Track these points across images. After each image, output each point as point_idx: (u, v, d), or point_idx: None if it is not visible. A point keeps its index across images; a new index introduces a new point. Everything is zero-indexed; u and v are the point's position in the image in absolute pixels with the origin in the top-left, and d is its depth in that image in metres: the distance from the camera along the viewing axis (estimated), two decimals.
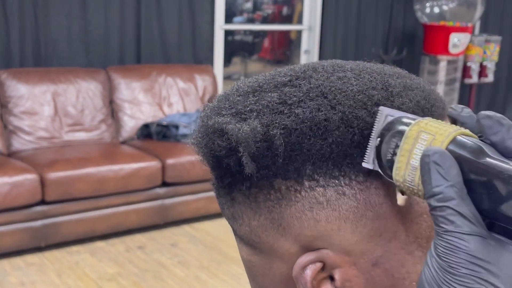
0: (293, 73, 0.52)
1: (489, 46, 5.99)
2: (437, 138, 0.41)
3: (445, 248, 0.39)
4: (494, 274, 0.38)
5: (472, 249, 0.39)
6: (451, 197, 0.39)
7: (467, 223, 0.39)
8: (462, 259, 0.39)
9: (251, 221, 0.51)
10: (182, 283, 3.21)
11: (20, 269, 3.29)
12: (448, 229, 0.39)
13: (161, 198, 3.83)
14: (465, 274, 0.39)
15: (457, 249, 0.39)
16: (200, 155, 0.53)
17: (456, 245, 0.39)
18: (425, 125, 0.43)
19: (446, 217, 0.39)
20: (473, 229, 0.39)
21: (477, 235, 0.39)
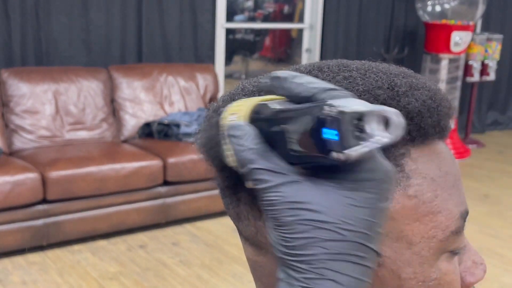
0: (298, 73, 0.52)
1: (490, 44, 5.99)
2: (240, 114, 0.43)
3: (267, 205, 0.40)
4: (316, 211, 0.39)
5: (287, 196, 0.40)
6: (251, 159, 0.41)
7: (274, 175, 0.40)
8: (282, 209, 0.39)
9: (257, 221, 0.50)
10: (184, 282, 3.21)
11: (22, 268, 3.29)
12: (261, 187, 0.40)
13: (163, 197, 3.83)
14: (291, 221, 0.39)
15: (276, 202, 0.40)
16: (205, 155, 0.53)
17: (273, 199, 0.40)
18: (232, 107, 0.45)
19: (255, 178, 0.41)
20: (283, 178, 0.40)
21: (289, 181, 0.40)
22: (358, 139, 0.37)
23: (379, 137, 0.37)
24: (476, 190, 4.84)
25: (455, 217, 0.49)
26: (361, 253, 0.39)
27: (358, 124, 0.37)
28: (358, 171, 0.40)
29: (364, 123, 0.37)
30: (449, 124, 0.51)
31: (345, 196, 0.39)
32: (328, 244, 0.39)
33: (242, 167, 0.42)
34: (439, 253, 0.49)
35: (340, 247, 0.39)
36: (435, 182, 0.48)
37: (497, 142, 6.53)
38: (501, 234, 4.00)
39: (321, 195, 0.40)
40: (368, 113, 0.37)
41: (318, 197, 0.40)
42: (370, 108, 0.37)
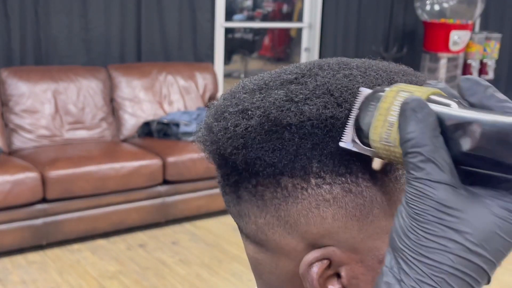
0: (299, 71, 0.52)
1: (489, 43, 5.99)
2: (416, 94, 0.41)
3: (413, 195, 0.39)
4: (462, 221, 0.38)
5: (440, 196, 0.38)
6: (424, 143, 0.39)
7: (437, 171, 0.38)
8: (429, 206, 0.38)
9: (258, 219, 0.51)
10: (184, 281, 3.21)
11: (22, 267, 3.29)
12: (417, 175, 0.39)
13: (162, 196, 3.83)
14: (431, 221, 0.38)
15: (425, 196, 0.38)
16: (206, 153, 0.54)
17: (424, 192, 0.38)
18: (404, 86, 0.43)
19: (416, 164, 0.39)
20: (444, 177, 0.38)
21: (447, 183, 0.38)
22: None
23: None
24: None
25: None
26: (480, 279, 0.39)
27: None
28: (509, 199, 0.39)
29: None
30: None
31: (495, 221, 0.38)
32: (458, 259, 0.38)
33: (404, 143, 0.39)
34: None
35: (466, 266, 0.38)
36: None
37: None
38: None
39: (473, 210, 0.38)
40: None
41: (469, 211, 0.38)
42: None
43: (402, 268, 0.39)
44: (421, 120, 0.39)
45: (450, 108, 0.40)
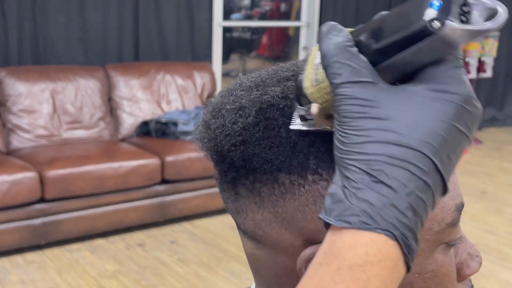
0: (295, 68, 0.52)
1: (487, 41, 6.00)
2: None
3: (339, 100, 0.40)
4: (385, 112, 0.39)
5: (361, 93, 0.39)
6: (339, 52, 0.40)
7: (355, 72, 0.40)
8: (352, 105, 0.39)
9: (255, 215, 0.51)
10: (182, 280, 3.21)
11: (21, 267, 3.29)
12: (337, 81, 0.40)
13: (161, 195, 3.83)
14: (357, 117, 0.39)
15: (347, 97, 0.39)
16: (204, 150, 0.54)
17: (346, 94, 0.40)
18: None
19: (335, 72, 0.40)
20: (361, 76, 0.40)
21: (365, 80, 0.40)
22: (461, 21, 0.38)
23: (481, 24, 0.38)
24: (474, 187, 4.85)
25: (450, 210, 0.50)
26: (422, 165, 0.38)
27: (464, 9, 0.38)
28: (441, 82, 0.40)
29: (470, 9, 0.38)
30: None
31: (420, 104, 0.39)
32: (390, 147, 0.38)
33: (324, 61, 0.41)
34: (435, 245, 0.49)
35: (401, 152, 0.38)
36: None
37: (495, 139, 6.54)
38: (498, 230, 4.01)
39: (395, 98, 0.39)
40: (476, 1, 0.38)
41: (392, 99, 0.39)
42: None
43: (344, 175, 0.40)
44: (334, 36, 0.41)
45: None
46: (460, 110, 0.39)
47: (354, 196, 0.38)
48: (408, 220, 0.38)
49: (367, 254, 0.37)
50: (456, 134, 0.39)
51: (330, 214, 0.39)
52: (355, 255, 0.38)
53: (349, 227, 0.38)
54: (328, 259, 0.38)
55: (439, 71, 0.40)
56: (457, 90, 0.40)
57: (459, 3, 0.38)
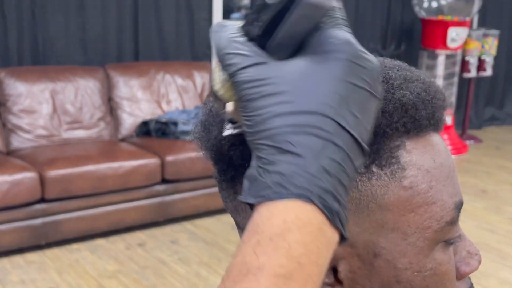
0: None
1: (487, 40, 5.99)
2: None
3: (236, 88, 0.41)
4: (278, 86, 0.40)
5: (253, 75, 0.40)
6: (226, 45, 0.42)
7: (244, 58, 0.41)
8: (247, 88, 0.40)
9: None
10: (183, 280, 3.21)
11: (21, 267, 3.29)
12: (231, 70, 0.41)
13: (161, 195, 3.83)
14: (255, 98, 0.40)
15: (241, 83, 0.40)
16: (203, 150, 0.54)
17: (240, 79, 0.40)
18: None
19: (227, 62, 0.41)
20: (251, 60, 0.41)
21: (257, 62, 0.41)
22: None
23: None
24: (474, 186, 4.85)
25: (449, 208, 0.50)
26: (326, 127, 0.39)
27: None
28: (324, 44, 0.41)
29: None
30: (444, 116, 0.52)
31: (310, 70, 0.40)
32: (290, 117, 0.39)
33: (218, 56, 0.42)
34: (434, 244, 0.49)
35: (301, 119, 0.39)
36: (430, 174, 0.49)
37: (494, 137, 6.54)
38: (498, 229, 4.01)
39: (286, 72, 0.40)
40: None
41: (283, 73, 0.40)
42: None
43: (256, 156, 0.40)
44: (219, 34, 0.43)
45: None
46: (350, 66, 0.40)
47: (266, 171, 0.39)
48: (323, 182, 0.38)
49: (285, 222, 0.37)
50: (354, 90, 0.40)
51: (248, 195, 0.40)
52: (273, 225, 0.37)
53: (265, 201, 0.38)
54: (250, 235, 0.38)
55: (320, 35, 0.41)
56: (341, 48, 0.40)
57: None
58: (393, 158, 0.48)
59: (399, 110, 0.48)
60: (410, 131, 0.48)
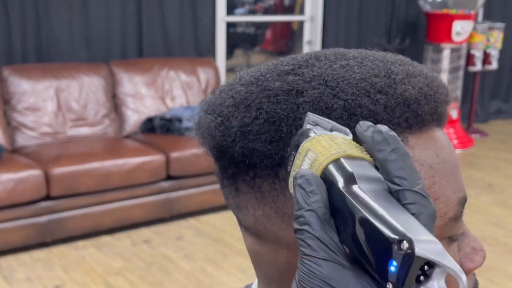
0: (295, 62, 0.52)
1: (492, 33, 5.97)
2: (319, 159, 0.40)
3: (303, 272, 0.39)
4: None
5: (325, 274, 0.38)
6: (309, 221, 0.39)
7: (323, 248, 0.38)
8: (316, 284, 0.38)
9: (256, 211, 0.51)
10: (189, 276, 3.21)
11: (27, 264, 3.30)
12: (305, 252, 0.39)
13: (166, 192, 3.83)
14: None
15: (312, 274, 0.38)
16: (204, 146, 0.53)
17: (311, 270, 0.38)
18: (316, 142, 0.41)
19: (304, 240, 0.39)
20: (330, 255, 0.38)
21: (333, 261, 0.38)
22: (417, 283, 0.35)
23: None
24: (480, 180, 4.83)
25: (453, 204, 0.49)
26: None
27: (425, 268, 0.35)
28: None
29: (432, 271, 0.35)
30: (447, 111, 0.51)
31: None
32: None
33: (294, 220, 0.40)
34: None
35: None
36: (433, 169, 0.48)
37: (501, 131, 6.52)
38: (505, 223, 4.00)
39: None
40: (440, 265, 0.35)
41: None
42: (444, 262, 0.35)
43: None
44: (306, 198, 0.39)
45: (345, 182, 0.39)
46: None
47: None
48: None
49: None
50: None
51: None
52: None
53: None
54: None
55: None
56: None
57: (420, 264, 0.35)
58: None
59: (401, 105, 0.47)
60: (412, 126, 0.48)
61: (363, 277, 0.38)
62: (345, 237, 0.38)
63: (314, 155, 0.41)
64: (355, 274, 0.38)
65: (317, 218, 0.39)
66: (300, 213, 0.39)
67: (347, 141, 0.41)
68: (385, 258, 0.35)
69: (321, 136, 0.42)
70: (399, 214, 0.36)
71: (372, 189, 0.38)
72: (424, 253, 0.34)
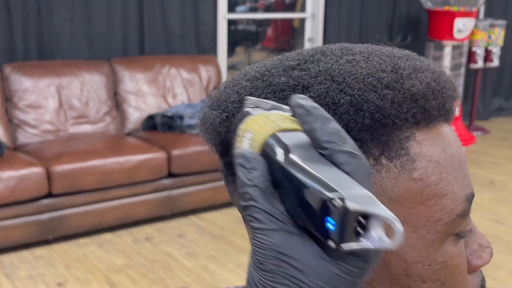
0: (301, 57, 0.51)
1: (494, 30, 5.95)
2: (255, 137, 0.42)
3: (255, 245, 0.39)
4: (300, 270, 0.38)
5: (276, 244, 0.39)
6: (253, 196, 0.40)
7: (271, 219, 0.39)
8: (269, 255, 0.39)
9: None
10: (190, 273, 3.21)
11: (29, 262, 3.30)
12: (255, 226, 0.39)
13: (168, 189, 3.83)
14: (273, 269, 0.39)
15: (264, 245, 0.39)
16: (209, 143, 0.53)
17: (262, 242, 0.39)
18: (252, 122, 0.43)
19: (252, 215, 0.40)
20: (278, 225, 0.39)
21: (282, 230, 0.39)
22: (357, 235, 0.37)
23: (379, 240, 0.37)
24: (482, 177, 4.83)
25: (460, 200, 0.49)
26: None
27: (361, 221, 0.37)
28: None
29: (368, 222, 0.37)
30: (454, 106, 0.51)
31: (331, 263, 0.38)
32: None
33: (242, 200, 0.40)
34: (444, 236, 0.49)
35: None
36: (440, 165, 0.48)
37: (502, 128, 6.51)
38: (507, 220, 3.99)
39: (309, 255, 0.39)
40: (375, 216, 0.36)
41: (306, 256, 0.39)
42: (376, 211, 0.36)
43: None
44: (247, 175, 0.40)
45: (279, 157, 0.40)
46: (365, 273, 0.40)
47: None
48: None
49: None
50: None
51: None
52: None
53: None
54: None
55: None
56: (363, 258, 0.39)
57: (357, 218, 0.36)
58: (402, 150, 0.47)
59: (409, 100, 0.47)
60: (419, 122, 0.47)
61: (312, 241, 0.39)
62: (289, 206, 0.40)
63: (251, 134, 0.42)
64: (304, 239, 0.39)
65: (260, 192, 0.40)
66: (244, 190, 0.40)
67: (283, 116, 0.43)
68: (323, 217, 0.37)
69: (257, 115, 0.44)
70: (331, 173, 0.38)
71: (306, 155, 0.40)
72: (355, 206, 0.36)
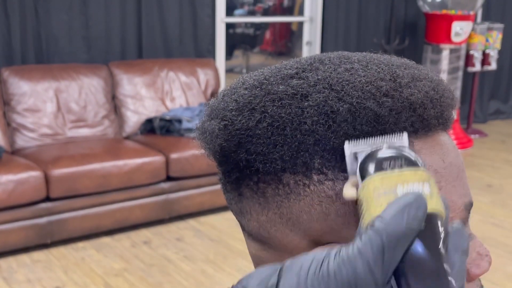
0: (299, 66, 0.51)
1: (491, 34, 5.96)
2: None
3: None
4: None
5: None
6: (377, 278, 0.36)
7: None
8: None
9: (260, 216, 0.50)
10: (189, 277, 3.21)
11: (27, 266, 3.30)
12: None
13: (166, 193, 3.83)
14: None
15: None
16: (207, 150, 0.53)
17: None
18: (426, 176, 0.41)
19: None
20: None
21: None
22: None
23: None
24: (479, 180, 4.83)
25: (459, 209, 0.49)
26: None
27: None
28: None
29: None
30: (452, 115, 0.51)
31: None
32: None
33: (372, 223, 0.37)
34: None
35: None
36: (439, 174, 0.48)
37: (500, 131, 6.52)
38: (504, 223, 4.00)
39: None
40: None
41: None
42: None
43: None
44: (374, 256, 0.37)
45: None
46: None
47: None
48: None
49: None
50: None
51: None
52: None
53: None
54: None
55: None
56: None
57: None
58: None
59: (407, 109, 0.47)
60: (418, 130, 0.47)
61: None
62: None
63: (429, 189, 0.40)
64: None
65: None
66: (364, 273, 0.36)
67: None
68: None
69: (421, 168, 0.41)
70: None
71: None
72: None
